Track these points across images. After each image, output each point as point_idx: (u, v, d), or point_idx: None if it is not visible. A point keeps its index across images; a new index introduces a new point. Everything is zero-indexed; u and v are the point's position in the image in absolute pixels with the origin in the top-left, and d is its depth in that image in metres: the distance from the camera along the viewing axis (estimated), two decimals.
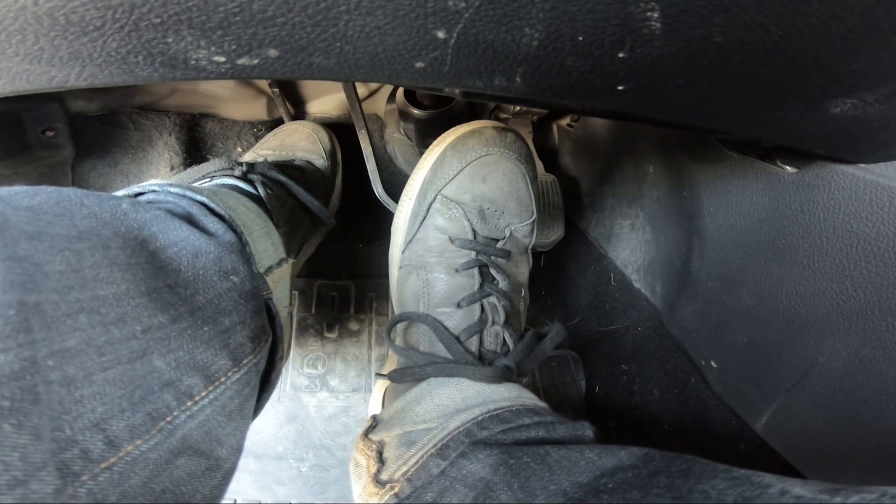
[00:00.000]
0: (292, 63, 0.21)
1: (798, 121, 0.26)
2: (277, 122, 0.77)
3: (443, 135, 0.48)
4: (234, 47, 0.20)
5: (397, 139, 0.78)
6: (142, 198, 0.34)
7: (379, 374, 0.46)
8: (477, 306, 0.43)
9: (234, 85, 0.70)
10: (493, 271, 0.44)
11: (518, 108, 0.78)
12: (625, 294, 0.69)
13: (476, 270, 0.44)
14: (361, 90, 0.76)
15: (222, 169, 0.47)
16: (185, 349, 0.25)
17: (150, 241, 0.27)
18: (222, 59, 0.21)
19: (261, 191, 0.47)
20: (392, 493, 0.34)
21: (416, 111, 0.69)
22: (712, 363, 0.55)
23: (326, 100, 0.79)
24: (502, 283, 0.44)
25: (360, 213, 0.74)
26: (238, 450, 0.30)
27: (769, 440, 0.48)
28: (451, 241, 0.44)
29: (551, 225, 0.67)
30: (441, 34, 0.19)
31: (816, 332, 0.41)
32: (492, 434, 0.34)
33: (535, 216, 0.47)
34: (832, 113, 0.25)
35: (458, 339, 0.42)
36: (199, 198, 0.35)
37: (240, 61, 0.21)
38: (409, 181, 0.49)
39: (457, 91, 0.32)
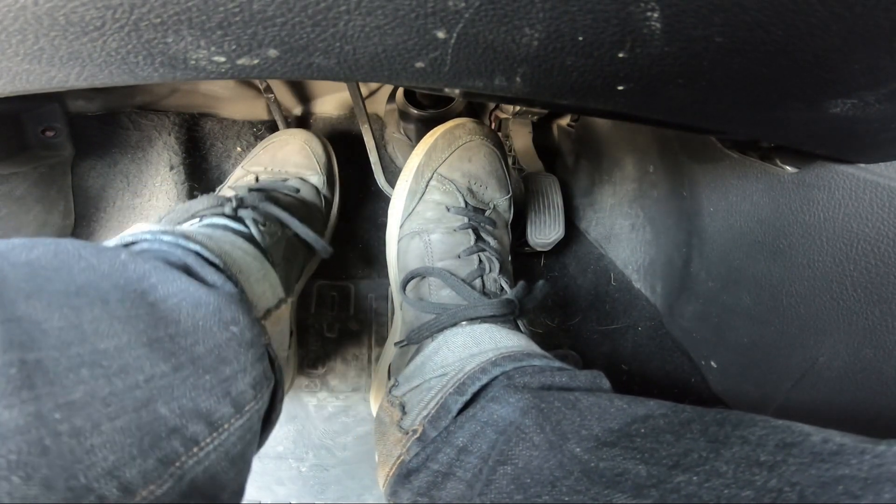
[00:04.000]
0: (292, 63, 0.21)
1: (798, 121, 0.26)
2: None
3: (432, 130, 0.56)
4: (234, 47, 0.20)
5: (397, 139, 0.78)
6: (135, 247, 0.35)
7: (398, 343, 0.49)
8: (475, 257, 0.50)
9: (234, 85, 0.70)
10: (483, 234, 0.52)
11: (518, 108, 0.77)
12: (625, 294, 0.69)
13: (470, 230, 0.51)
14: (362, 89, 0.76)
15: (210, 207, 0.46)
16: (189, 397, 0.25)
17: (150, 291, 0.28)
18: (222, 59, 0.21)
19: (253, 230, 0.46)
20: (415, 437, 0.36)
21: (416, 111, 0.69)
22: (712, 363, 0.55)
23: (326, 99, 0.79)
24: (493, 243, 0.51)
25: (361, 214, 0.74)
26: (239, 493, 0.31)
27: None
28: (448, 209, 0.52)
29: (551, 225, 0.67)
30: (441, 34, 0.19)
31: (816, 332, 0.41)
32: (506, 370, 0.35)
33: (510, 193, 0.56)
34: (832, 113, 0.25)
35: (464, 281, 0.47)
36: (192, 247, 0.35)
37: (240, 61, 0.21)
38: (405, 167, 0.56)
39: (457, 91, 0.32)
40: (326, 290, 0.67)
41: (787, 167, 0.39)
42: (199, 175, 0.72)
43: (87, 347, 0.22)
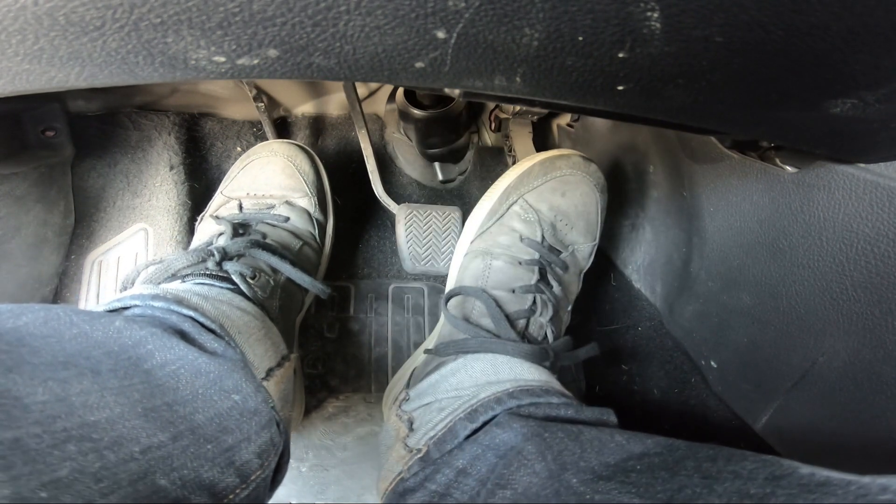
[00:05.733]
0: (292, 63, 0.21)
1: (798, 121, 0.26)
2: (277, 122, 0.77)
3: (532, 154, 0.53)
4: (234, 47, 0.20)
5: (397, 139, 0.78)
6: (128, 312, 0.34)
7: (427, 350, 0.48)
8: (530, 297, 0.46)
9: (234, 85, 0.70)
10: (550, 276, 0.48)
11: (518, 108, 0.77)
12: (625, 294, 0.69)
13: (536, 268, 0.47)
14: (361, 90, 0.76)
15: (192, 265, 0.43)
16: (189, 468, 0.25)
17: (146, 359, 0.27)
18: (222, 59, 0.21)
19: (242, 286, 0.43)
20: (418, 456, 0.35)
21: (416, 111, 0.69)
22: (712, 363, 0.55)
23: (327, 99, 0.79)
24: (556, 288, 0.48)
25: (360, 214, 0.74)
26: None
27: (769, 440, 0.48)
28: (521, 238, 0.48)
29: None
30: (441, 34, 0.19)
31: (816, 332, 0.41)
32: (521, 404, 0.35)
33: (597, 241, 0.52)
34: (832, 113, 0.25)
35: (507, 317, 0.44)
36: (188, 313, 0.34)
37: (240, 61, 0.21)
38: (493, 186, 0.54)
39: (457, 91, 0.32)
40: None
41: (787, 167, 0.39)
42: (199, 175, 0.72)
43: (74, 421, 0.21)
